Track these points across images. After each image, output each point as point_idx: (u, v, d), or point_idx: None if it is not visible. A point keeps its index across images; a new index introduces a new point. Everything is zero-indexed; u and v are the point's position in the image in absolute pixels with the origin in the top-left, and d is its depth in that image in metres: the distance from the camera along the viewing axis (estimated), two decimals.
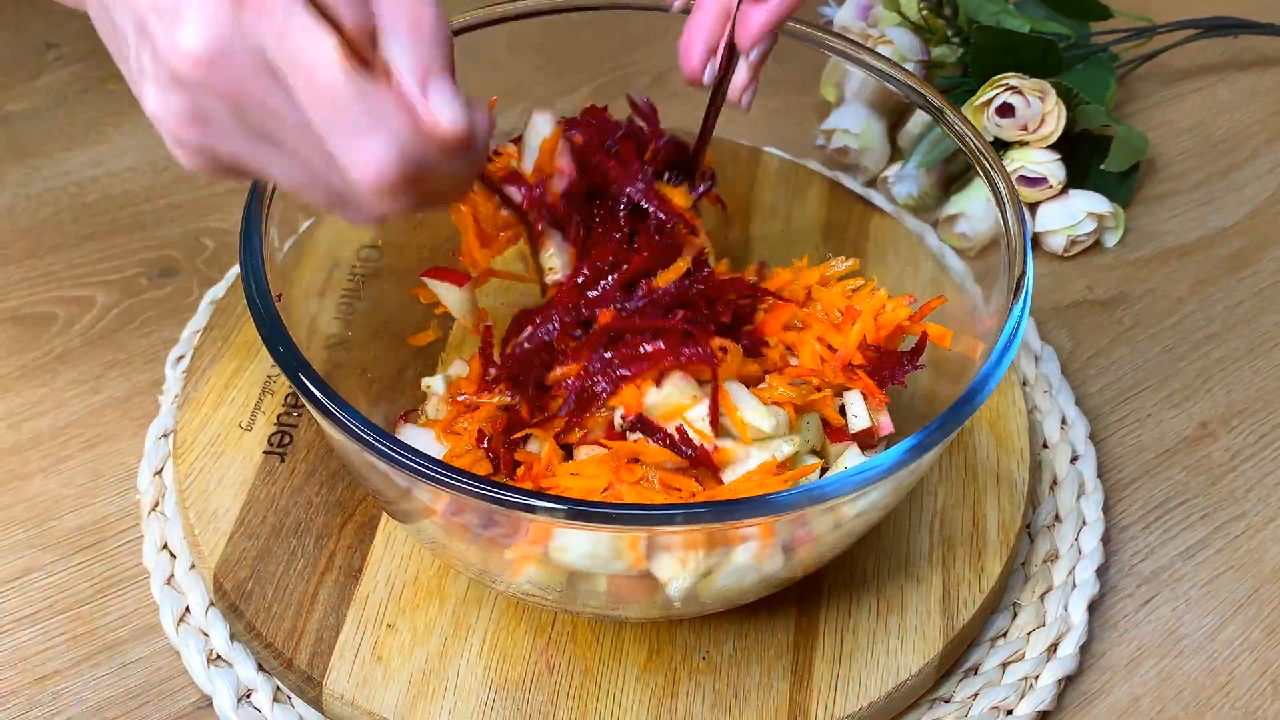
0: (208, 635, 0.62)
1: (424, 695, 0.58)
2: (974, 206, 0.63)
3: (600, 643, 0.61)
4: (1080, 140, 0.86)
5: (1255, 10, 0.99)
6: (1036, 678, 0.64)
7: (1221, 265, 0.86)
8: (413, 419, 0.65)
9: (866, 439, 0.62)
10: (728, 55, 0.58)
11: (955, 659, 0.64)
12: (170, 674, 0.62)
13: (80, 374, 0.74)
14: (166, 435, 0.70)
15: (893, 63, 0.66)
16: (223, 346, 0.70)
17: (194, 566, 0.64)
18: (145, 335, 0.76)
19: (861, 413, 0.61)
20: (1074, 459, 0.73)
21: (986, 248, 0.61)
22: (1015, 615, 0.66)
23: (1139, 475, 0.74)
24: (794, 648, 0.61)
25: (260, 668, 0.62)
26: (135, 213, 0.83)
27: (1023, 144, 0.84)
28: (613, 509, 0.49)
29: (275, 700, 0.61)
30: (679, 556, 0.53)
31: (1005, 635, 0.66)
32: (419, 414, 0.66)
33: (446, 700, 0.58)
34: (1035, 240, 0.85)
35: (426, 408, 0.66)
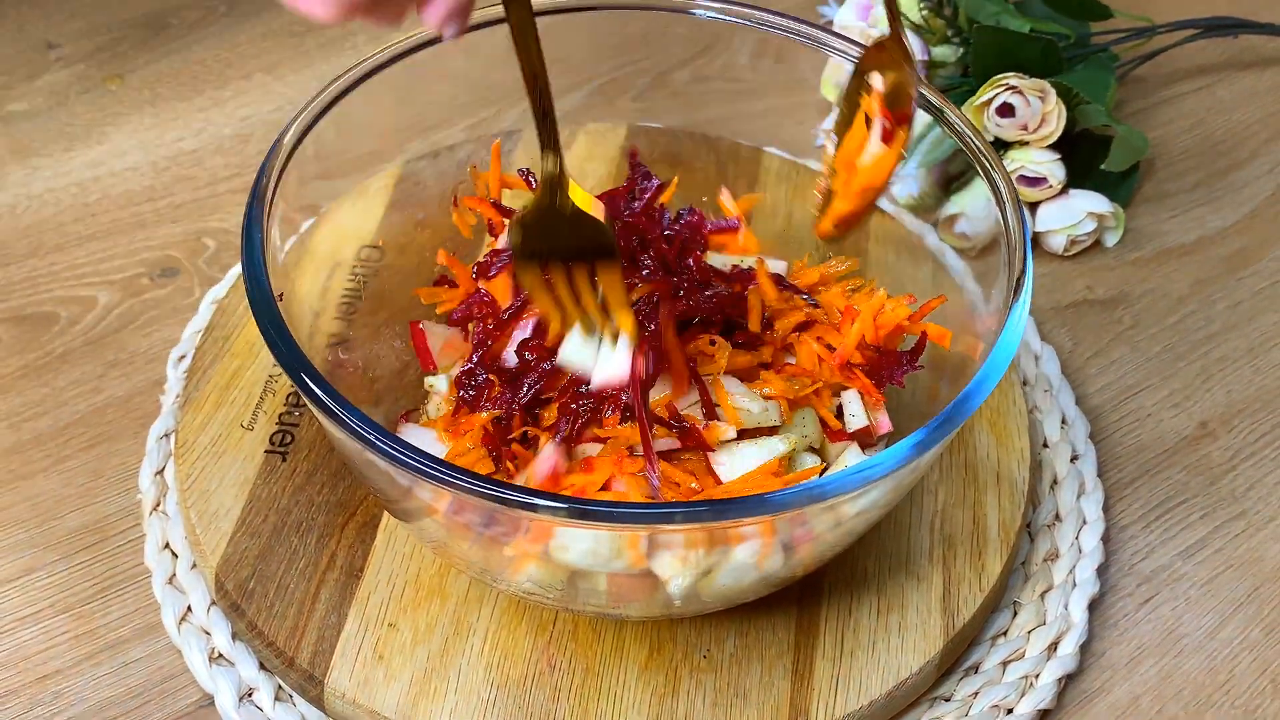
0: (209, 634, 0.62)
1: (425, 694, 0.59)
2: (974, 206, 0.63)
3: (601, 641, 0.61)
4: (1080, 140, 0.86)
5: (1255, 10, 0.99)
6: (1037, 676, 0.64)
7: (1221, 265, 0.86)
8: (414, 418, 0.65)
9: (864, 438, 0.62)
10: None
11: (956, 657, 0.64)
12: (172, 673, 0.62)
13: (82, 374, 0.74)
14: (168, 435, 0.70)
15: None
16: (224, 346, 0.70)
17: (195, 566, 0.64)
18: (146, 335, 0.76)
19: (858, 412, 0.62)
20: (1074, 458, 0.73)
21: (986, 247, 0.61)
22: (1015, 614, 0.67)
23: (1139, 475, 0.74)
24: (795, 646, 0.61)
25: (262, 667, 0.62)
26: (136, 212, 0.84)
27: (1023, 144, 0.84)
28: (614, 507, 0.49)
29: (277, 699, 0.61)
30: (680, 555, 0.53)
31: (1005, 634, 0.66)
32: (420, 413, 0.66)
33: (448, 699, 0.58)
34: (1035, 240, 0.85)
35: (428, 407, 0.66)
